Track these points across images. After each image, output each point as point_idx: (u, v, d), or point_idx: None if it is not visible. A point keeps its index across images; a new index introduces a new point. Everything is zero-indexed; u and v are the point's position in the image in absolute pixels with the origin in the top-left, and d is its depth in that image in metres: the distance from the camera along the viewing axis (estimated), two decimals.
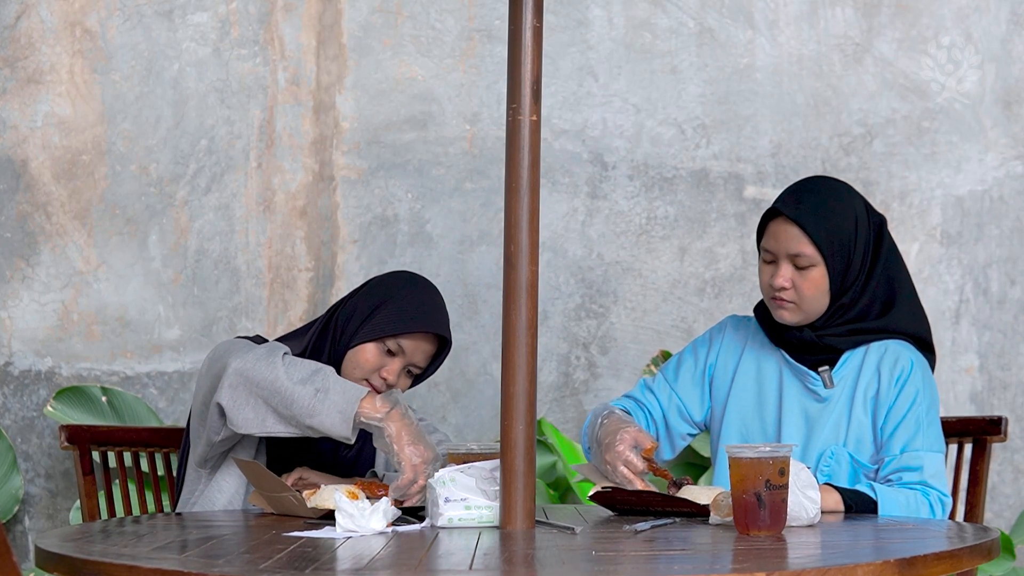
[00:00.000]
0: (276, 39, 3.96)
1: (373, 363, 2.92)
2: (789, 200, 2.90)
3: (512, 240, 2.47)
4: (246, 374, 2.76)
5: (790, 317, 2.89)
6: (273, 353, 2.79)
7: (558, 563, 2.10)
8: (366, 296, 2.99)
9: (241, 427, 2.77)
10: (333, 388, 2.72)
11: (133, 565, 2.02)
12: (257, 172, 3.96)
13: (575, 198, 3.96)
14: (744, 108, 3.96)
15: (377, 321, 2.92)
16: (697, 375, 3.05)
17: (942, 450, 2.87)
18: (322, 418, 2.71)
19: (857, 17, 3.97)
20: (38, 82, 3.94)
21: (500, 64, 3.89)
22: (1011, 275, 3.95)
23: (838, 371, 2.90)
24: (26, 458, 3.92)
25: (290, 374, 2.75)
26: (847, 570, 1.97)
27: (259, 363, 2.76)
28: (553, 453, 3.85)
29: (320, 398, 2.71)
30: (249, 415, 2.77)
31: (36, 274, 3.93)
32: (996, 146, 3.96)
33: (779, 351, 2.96)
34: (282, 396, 2.73)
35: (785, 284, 2.87)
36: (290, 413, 2.73)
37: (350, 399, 2.70)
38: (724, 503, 2.54)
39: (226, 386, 2.77)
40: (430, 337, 2.94)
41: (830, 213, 2.87)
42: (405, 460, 2.67)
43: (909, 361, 2.88)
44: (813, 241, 2.84)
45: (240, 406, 2.77)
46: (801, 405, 2.92)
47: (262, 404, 2.76)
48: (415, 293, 2.97)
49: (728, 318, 3.10)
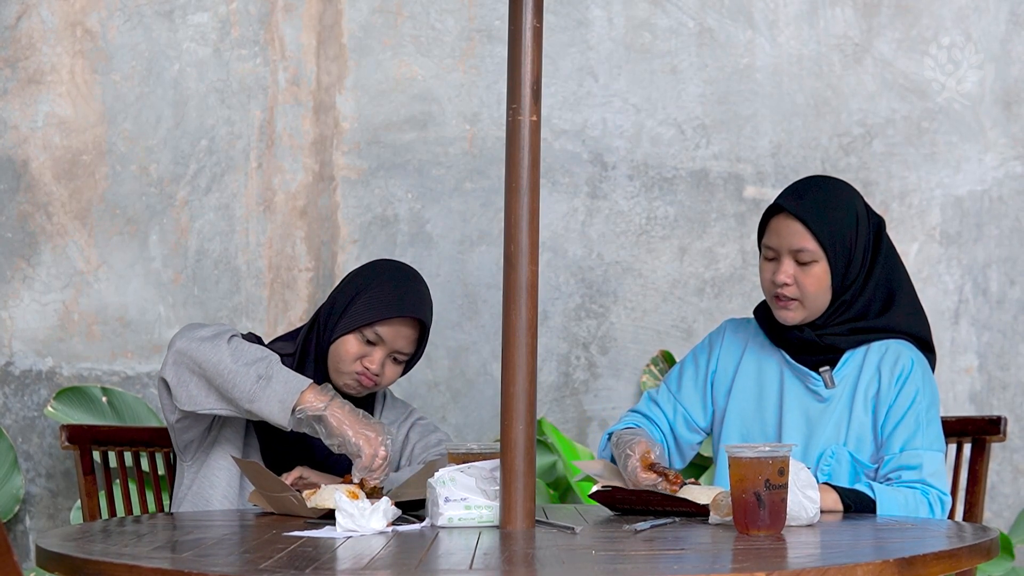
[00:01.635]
0: (276, 39, 3.97)
1: (355, 354, 2.94)
2: (791, 197, 2.91)
3: (512, 240, 2.48)
4: (190, 353, 2.80)
5: (792, 316, 2.89)
6: (219, 336, 2.83)
7: (558, 563, 2.10)
8: (343, 290, 3.01)
9: (185, 403, 2.82)
10: (276, 377, 2.75)
11: (133, 565, 2.03)
12: (257, 172, 3.96)
13: (575, 198, 3.97)
14: (744, 108, 3.97)
15: (353, 312, 2.94)
16: (699, 382, 3.05)
17: (942, 449, 2.87)
18: (261, 404, 2.74)
19: (857, 17, 3.97)
20: (39, 82, 3.94)
21: (500, 64, 3.89)
22: (1010, 275, 3.95)
23: (839, 371, 2.91)
24: (27, 458, 3.92)
25: (235, 357, 2.78)
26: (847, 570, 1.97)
27: (204, 344, 2.80)
28: (553, 453, 3.85)
29: (262, 385, 2.74)
30: (193, 392, 2.81)
31: (37, 274, 3.93)
32: (995, 146, 3.96)
33: (779, 352, 2.97)
34: (223, 378, 2.77)
35: (787, 280, 2.87)
36: (231, 395, 2.77)
37: (291, 389, 2.73)
38: (724, 503, 2.54)
39: (170, 363, 2.83)
40: (408, 321, 2.95)
41: (832, 210, 2.88)
42: (360, 438, 2.71)
43: (910, 360, 2.88)
44: (815, 237, 2.85)
45: (184, 383, 2.81)
46: (802, 405, 2.92)
47: (204, 383, 2.80)
48: (388, 280, 2.99)
49: (727, 322, 3.11)
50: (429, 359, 3.94)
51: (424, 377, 3.95)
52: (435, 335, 3.95)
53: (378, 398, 3.13)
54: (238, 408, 2.79)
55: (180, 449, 2.99)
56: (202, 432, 2.95)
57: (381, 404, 3.13)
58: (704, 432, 3.08)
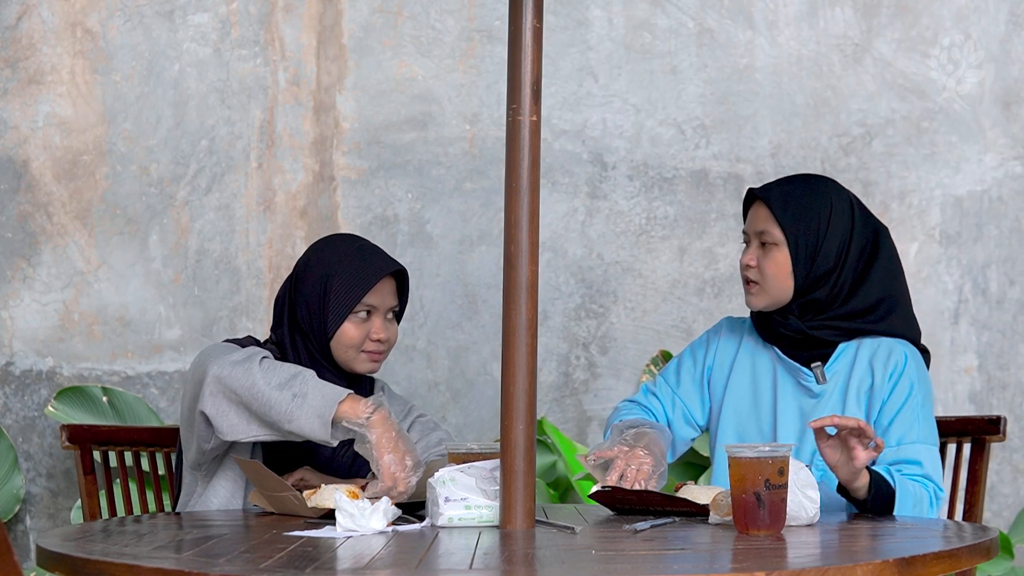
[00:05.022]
0: (276, 39, 3.97)
1: (358, 335, 2.95)
2: (767, 184, 2.99)
3: (512, 240, 2.48)
4: (224, 381, 2.77)
5: (756, 301, 2.95)
6: (250, 359, 2.79)
7: (558, 563, 2.10)
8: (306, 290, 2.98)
9: (227, 434, 2.78)
10: (311, 392, 2.72)
11: (134, 564, 2.03)
12: (257, 172, 3.96)
13: (575, 198, 3.97)
14: (744, 108, 3.97)
15: (336, 301, 2.94)
16: (696, 377, 3.07)
17: (937, 443, 2.87)
18: (300, 423, 2.71)
19: (857, 17, 3.97)
20: (39, 83, 3.95)
21: (500, 64, 3.89)
22: (1010, 275, 3.95)
23: (830, 366, 2.91)
24: (27, 458, 3.92)
25: (267, 379, 2.75)
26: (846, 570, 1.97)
27: (236, 369, 2.76)
28: (553, 453, 3.85)
29: (298, 403, 2.71)
30: (234, 421, 2.77)
31: (37, 274, 3.93)
32: (995, 146, 3.96)
33: (773, 349, 2.98)
34: (260, 402, 2.73)
35: (751, 263, 2.93)
36: (270, 419, 2.74)
37: (328, 402, 2.70)
38: (723, 503, 2.54)
39: (207, 394, 2.78)
40: (386, 278, 2.98)
41: (800, 197, 2.93)
42: (384, 468, 2.68)
43: (903, 355, 2.88)
44: (777, 221, 2.88)
45: (224, 413, 2.77)
46: (796, 402, 2.93)
47: (244, 410, 2.77)
48: (344, 255, 2.99)
49: (724, 319, 3.12)
50: (429, 359, 3.94)
51: (424, 377, 3.95)
52: (435, 335, 3.95)
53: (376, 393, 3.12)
54: (280, 431, 2.76)
55: (196, 464, 2.96)
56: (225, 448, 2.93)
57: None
58: (700, 428, 3.08)
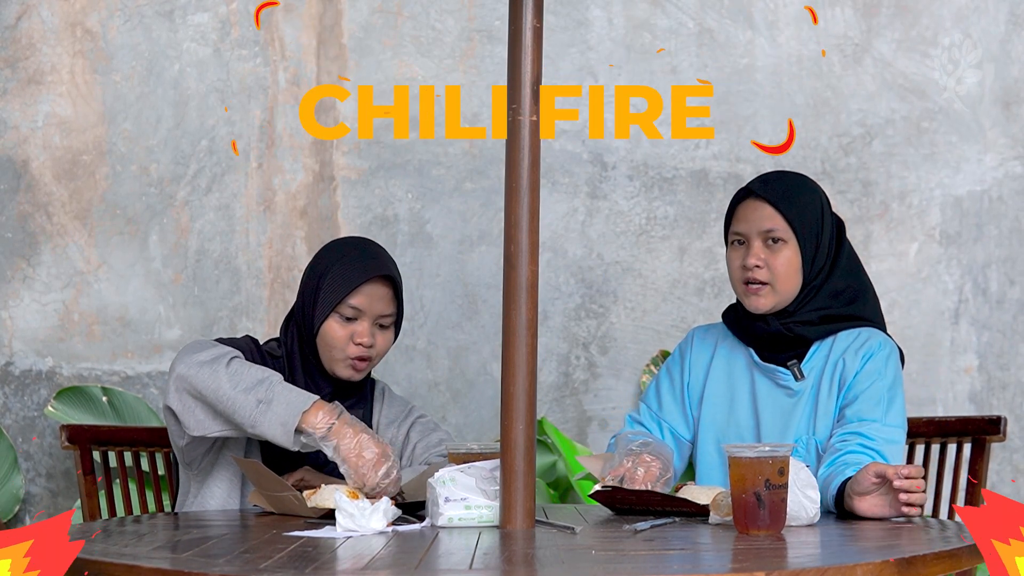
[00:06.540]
0: (276, 39, 3.97)
1: (341, 335, 2.94)
2: (758, 182, 2.98)
3: (512, 240, 2.48)
4: (190, 380, 2.78)
5: (763, 303, 2.90)
6: (218, 360, 2.79)
7: (558, 563, 2.10)
8: (306, 283, 3.01)
9: (194, 429, 2.79)
10: (276, 399, 2.72)
11: (133, 564, 2.03)
12: (257, 172, 3.96)
13: (575, 198, 3.97)
14: (744, 108, 3.97)
15: (323, 297, 2.94)
16: (677, 395, 3.06)
17: (902, 428, 2.84)
18: (263, 429, 2.72)
19: (857, 17, 3.97)
20: (39, 82, 3.95)
21: (500, 64, 3.89)
22: (1010, 275, 3.95)
23: (807, 363, 2.91)
24: (27, 458, 3.92)
25: (233, 382, 2.75)
26: (846, 569, 1.97)
27: (203, 369, 2.77)
28: (553, 453, 3.85)
29: (262, 409, 2.71)
30: (200, 417, 2.79)
31: (37, 274, 3.93)
32: (995, 146, 3.96)
33: (748, 352, 2.97)
34: (224, 404, 2.74)
35: (758, 263, 2.89)
36: (235, 421, 2.75)
37: (292, 411, 2.70)
38: (724, 503, 2.54)
39: (172, 391, 2.80)
40: (377, 281, 2.95)
41: (798, 194, 2.94)
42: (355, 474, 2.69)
43: (877, 343, 2.89)
44: (785, 217, 2.88)
45: (190, 409, 2.79)
46: (776, 403, 2.93)
47: (209, 409, 2.78)
48: (345, 254, 2.99)
49: (694, 330, 3.12)
50: (429, 359, 3.94)
51: (424, 377, 3.95)
52: (435, 335, 3.95)
53: (377, 396, 3.12)
54: (244, 432, 2.77)
55: (185, 463, 2.97)
56: (208, 445, 2.94)
57: (381, 402, 3.12)
58: (690, 443, 3.08)
